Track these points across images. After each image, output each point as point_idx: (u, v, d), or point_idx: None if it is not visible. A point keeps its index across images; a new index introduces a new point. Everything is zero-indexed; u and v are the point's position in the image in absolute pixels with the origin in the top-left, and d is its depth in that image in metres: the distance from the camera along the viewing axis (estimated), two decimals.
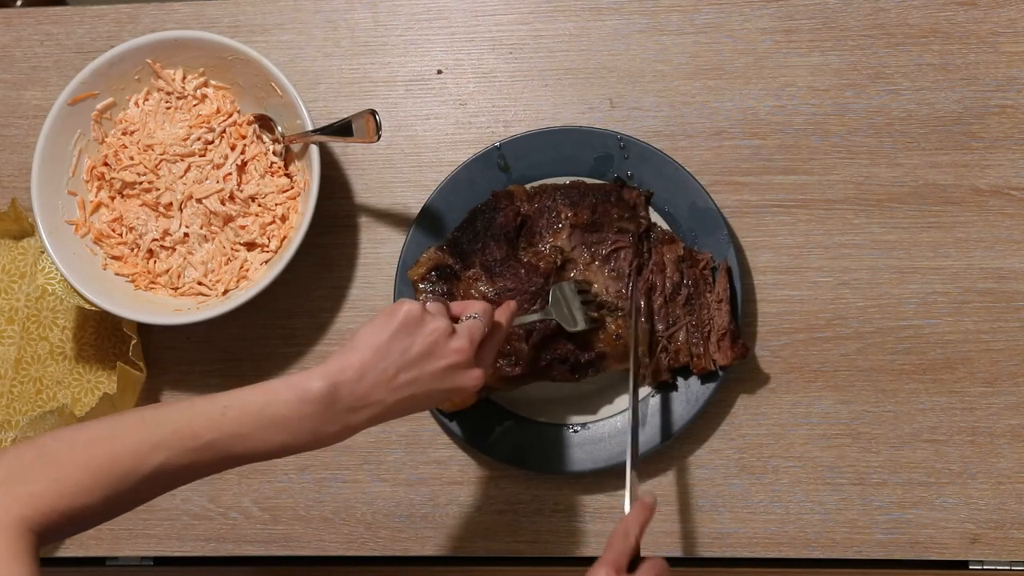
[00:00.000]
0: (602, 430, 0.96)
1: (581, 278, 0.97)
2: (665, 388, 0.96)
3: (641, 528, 0.79)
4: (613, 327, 0.95)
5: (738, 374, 0.99)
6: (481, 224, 0.99)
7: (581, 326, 0.94)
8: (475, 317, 0.81)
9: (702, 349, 0.95)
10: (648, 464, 0.98)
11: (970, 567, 0.95)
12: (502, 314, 0.85)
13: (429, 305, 0.79)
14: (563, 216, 0.98)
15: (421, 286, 0.97)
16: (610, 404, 0.97)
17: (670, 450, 0.98)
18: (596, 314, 0.95)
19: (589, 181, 1.00)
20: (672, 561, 0.96)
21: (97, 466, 0.67)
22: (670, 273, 0.96)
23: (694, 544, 0.97)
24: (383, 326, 0.76)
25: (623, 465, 0.91)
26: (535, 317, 0.92)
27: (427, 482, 1.00)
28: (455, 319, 0.81)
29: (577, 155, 1.01)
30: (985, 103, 1.02)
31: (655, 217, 1.00)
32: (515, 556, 0.98)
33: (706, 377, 0.96)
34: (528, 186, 1.01)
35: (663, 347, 0.95)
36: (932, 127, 1.02)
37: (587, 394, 0.98)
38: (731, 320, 0.94)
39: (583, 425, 0.97)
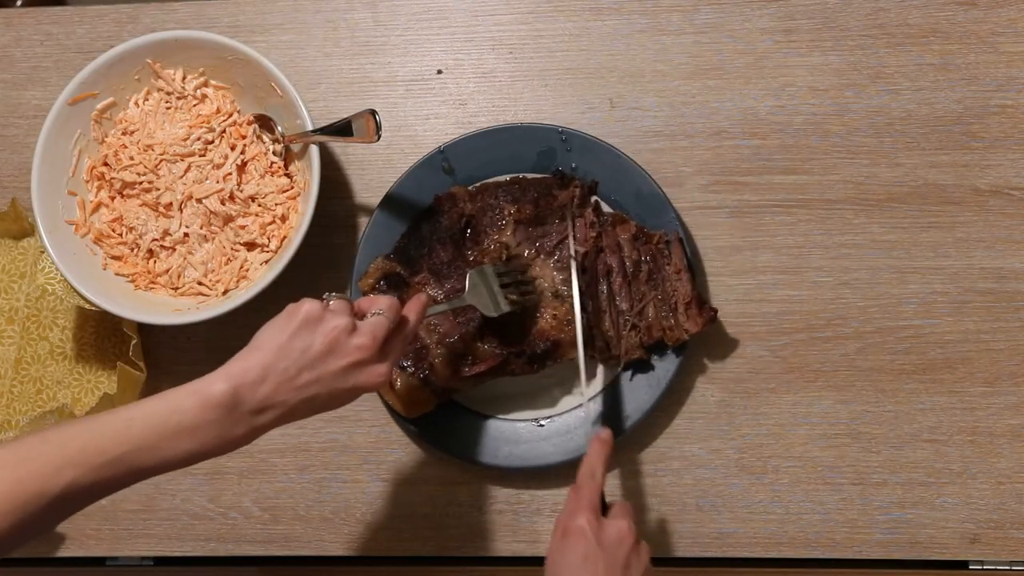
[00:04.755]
0: (568, 421, 0.97)
1: (515, 256, 0.97)
2: (640, 367, 0.97)
3: (604, 464, 0.82)
4: (562, 313, 0.95)
5: (738, 374, 0.99)
6: (426, 229, 0.99)
7: (503, 310, 0.92)
8: (380, 313, 0.79)
9: (672, 321, 0.95)
10: (647, 463, 0.98)
11: (970, 567, 0.95)
12: (411, 308, 0.83)
13: (332, 304, 0.78)
14: (506, 213, 0.98)
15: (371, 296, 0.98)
16: (570, 395, 0.98)
17: (670, 450, 0.98)
18: (517, 298, 0.93)
19: (530, 176, 1.01)
20: (672, 561, 0.97)
21: (4, 492, 0.66)
22: (628, 252, 0.97)
23: (694, 544, 0.97)
24: (283, 326, 0.76)
25: None
26: (445, 307, 0.90)
27: (427, 482, 1.00)
28: (360, 316, 0.80)
29: (520, 152, 1.02)
30: (985, 103, 1.02)
31: (603, 207, 1.01)
32: (515, 556, 0.98)
33: (676, 351, 0.96)
34: (471, 187, 1.01)
35: (632, 325, 0.95)
36: (932, 127, 1.02)
37: (547, 388, 0.98)
38: (693, 287, 0.94)
39: (549, 419, 0.97)
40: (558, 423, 0.97)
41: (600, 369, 0.98)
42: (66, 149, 1.02)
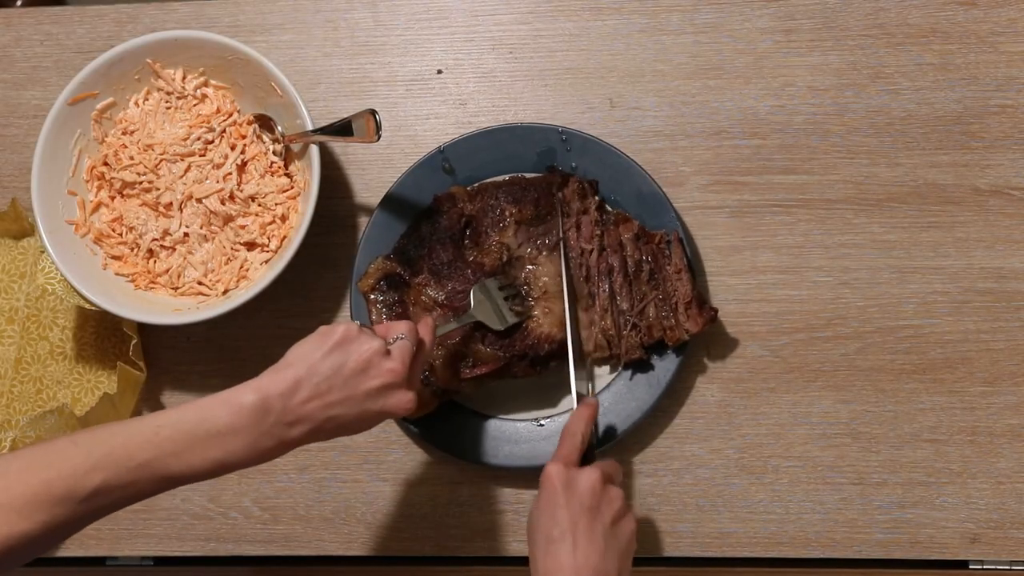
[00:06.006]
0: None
1: (520, 271, 0.97)
2: (640, 367, 0.96)
3: (586, 425, 0.85)
4: (564, 315, 0.95)
5: (738, 374, 0.99)
6: (426, 229, 0.99)
7: (509, 322, 0.94)
8: (403, 337, 0.80)
9: (673, 321, 0.95)
10: (647, 463, 0.98)
11: (970, 567, 0.95)
12: (424, 331, 0.84)
13: (362, 327, 0.79)
14: (507, 214, 0.98)
15: (372, 296, 0.97)
16: (571, 395, 0.97)
17: (670, 450, 0.98)
18: (521, 308, 0.95)
19: (530, 176, 1.01)
20: (672, 561, 0.97)
21: (33, 493, 0.66)
22: (631, 252, 0.97)
23: (694, 544, 0.96)
24: (318, 344, 0.77)
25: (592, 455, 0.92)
26: (454, 325, 0.92)
27: (427, 482, 1.00)
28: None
29: (520, 152, 1.02)
30: (985, 103, 1.02)
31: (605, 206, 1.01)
32: (515, 556, 0.98)
33: (676, 351, 0.96)
34: (470, 187, 1.01)
35: (633, 325, 0.95)
36: (932, 127, 1.02)
37: (548, 387, 0.98)
38: (693, 287, 0.94)
39: (549, 418, 0.97)
40: (558, 423, 0.97)
41: (600, 369, 0.98)
42: (66, 149, 1.02)
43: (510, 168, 1.02)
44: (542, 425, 0.97)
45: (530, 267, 0.97)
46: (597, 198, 0.99)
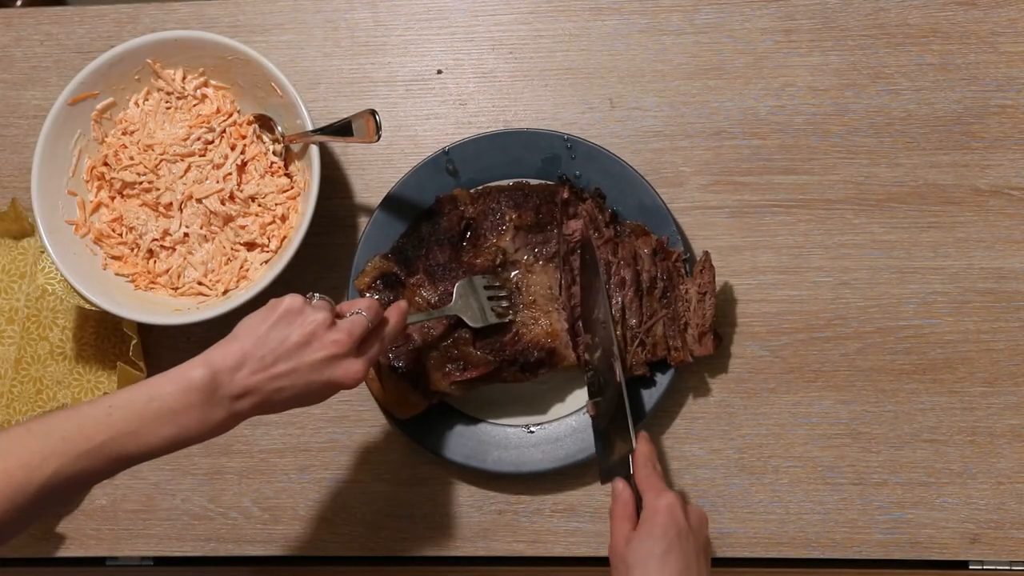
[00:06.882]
0: (559, 429, 0.96)
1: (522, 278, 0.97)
2: (643, 383, 0.96)
3: (655, 457, 0.86)
4: (555, 321, 0.95)
5: (738, 374, 0.99)
6: (426, 230, 0.99)
7: (489, 321, 0.94)
8: (359, 312, 0.82)
9: (680, 342, 0.95)
10: None
11: (970, 567, 0.95)
12: (392, 312, 0.85)
13: (315, 302, 0.81)
14: (507, 218, 0.98)
15: (367, 295, 0.97)
16: (562, 403, 0.98)
17: (670, 450, 0.98)
18: (503, 310, 0.95)
19: (533, 182, 1.01)
20: None
21: None
22: (647, 267, 0.96)
23: None
24: (264, 317, 0.78)
25: (582, 464, 0.94)
26: (424, 316, 0.92)
27: (427, 482, 1.00)
28: (340, 316, 0.82)
29: (525, 157, 1.01)
30: (985, 103, 1.02)
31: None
32: (515, 556, 0.98)
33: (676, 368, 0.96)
34: (472, 189, 1.01)
35: (640, 341, 0.95)
36: (932, 127, 1.02)
37: (540, 393, 0.98)
38: (714, 314, 0.94)
39: (539, 425, 0.97)
40: (548, 430, 0.96)
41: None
42: (66, 149, 1.02)
43: (514, 173, 1.02)
44: (532, 432, 0.97)
45: (523, 273, 0.97)
46: (611, 209, 0.99)
